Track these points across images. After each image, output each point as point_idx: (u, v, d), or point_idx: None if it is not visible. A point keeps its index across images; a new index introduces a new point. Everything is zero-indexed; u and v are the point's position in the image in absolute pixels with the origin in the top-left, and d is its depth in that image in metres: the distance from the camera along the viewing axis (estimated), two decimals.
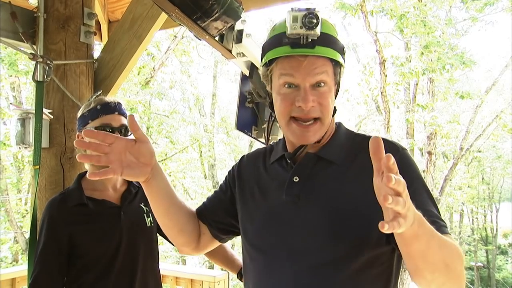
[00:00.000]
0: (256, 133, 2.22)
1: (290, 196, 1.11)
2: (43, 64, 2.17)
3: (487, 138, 14.50)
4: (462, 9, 10.57)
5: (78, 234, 1.66)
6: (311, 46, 1.05)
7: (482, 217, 23.07)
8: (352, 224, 1.04)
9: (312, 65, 1.05)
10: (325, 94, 1.08)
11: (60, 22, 2.39)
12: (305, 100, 1.05)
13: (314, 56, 1.06)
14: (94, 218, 1.70)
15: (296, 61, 1.06)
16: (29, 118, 2.23)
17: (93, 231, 1.68)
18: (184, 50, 12.71)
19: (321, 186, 1.10)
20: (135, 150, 1.08)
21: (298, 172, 1.13)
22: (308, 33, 1.03)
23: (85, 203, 1.69)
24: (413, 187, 0.99)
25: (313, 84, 1.06)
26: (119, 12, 3.20)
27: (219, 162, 18.52)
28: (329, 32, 1.08)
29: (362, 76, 11.50)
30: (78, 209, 1.68)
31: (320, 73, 1.06)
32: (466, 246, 20.75)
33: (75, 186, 1.76)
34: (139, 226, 1.78)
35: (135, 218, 1.78)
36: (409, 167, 1.07)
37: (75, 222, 1.67)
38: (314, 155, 1.15)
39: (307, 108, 1.06)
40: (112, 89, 2.58)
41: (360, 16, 9.66)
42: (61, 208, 1.68)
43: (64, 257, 1.66)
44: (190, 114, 16.99)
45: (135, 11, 2.52)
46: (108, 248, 1.69)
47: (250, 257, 1.19)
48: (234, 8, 1.51)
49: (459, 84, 12.85)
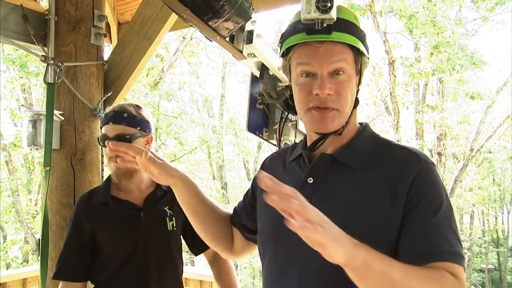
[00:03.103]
0: (267, 134, 2.20)
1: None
2: (54, 66, 2.17)
3: (498, 139, 14.38)
4: (472, 8, 10.47)
5: (98, 230, 1.75)
6: (327, 32, 1.00)
7: (493, 218, 22.86)
8: (357, 235, 1.00)
9: (330, 52, 1.00)
10: (344, 83, 1.02)
11: (70, 24, 2.40)
12: (321, 87, 1.00)
13: (331, 42, 1.00)
14: (114, 217, 1.76)
15: (312, 48, 1.01)
16: (40, 120, 2.24)
17: (111, 230, 1.75)
18: (193, 52, 12.76)
19: (333, 190, 1.05)
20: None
21: (313, 173, 1.09)
22: (322, 17, 0.98)
23: (107, 202, 1.77)
24: (429, 206, 0.96)
25: (331, 71, 1.01)
26: (129, 14, 3.21)
27: (227, 163, 18.56)
28: (347, 18, 1.03)
29: (371, 76, 11.43)
30: (101, 208, 1.77)
31: (338, 60, 1.01)
32: (477, 248, 20.57)
33: (103, 185, 1.85)
34: (159, 228, 1.78)
35: (155, 220, 1.79)
36: (428, 182, 0.98)
37: (96, 220, 1.75)
38: (329, 157, 1.09)
39: (324, 95, 1.01)
40: (122, 90, 2.58)
41: (369, 17, 9.62)
42: (86, 205, 1.79)
43: (87, 251, 1.75)
44: (199, 115, 17.03)
45: (145, 12, 2.52)
46: (124, 247, 1.73)
47: (262, 258, 1.17)
48: (244, 8, 1.50)
49: (469, 84, 12.77)
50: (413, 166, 0.99)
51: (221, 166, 17.78)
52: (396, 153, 1.04)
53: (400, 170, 1.00)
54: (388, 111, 12.02)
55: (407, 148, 1.06)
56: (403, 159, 1.02)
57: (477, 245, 20.50)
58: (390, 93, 10.40)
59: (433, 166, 1.02)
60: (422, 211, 0.95)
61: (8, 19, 2.29)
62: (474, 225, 21.67)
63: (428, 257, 0.91)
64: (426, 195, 0.97)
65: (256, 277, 16.93)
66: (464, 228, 20.11)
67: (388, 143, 1.10)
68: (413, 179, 0.97)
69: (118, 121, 1.74)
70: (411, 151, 1.04)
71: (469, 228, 20.58)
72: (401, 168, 1.00)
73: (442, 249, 0.92)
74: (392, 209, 0.97)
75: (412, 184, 0.97)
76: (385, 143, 1.10)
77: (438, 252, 0.91)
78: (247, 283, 16.51)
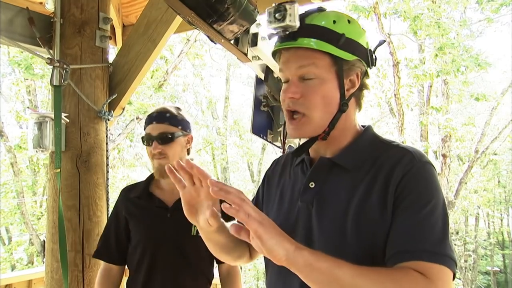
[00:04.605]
0: (271, 137, 2.21)
1: (304, 202, 1.08)
2: (59, 68, 2.19)
3: (503, 141, 14.28)
4: (477, 10, 10.42)
5: (130, 221, 1.88)
6: (293, 39, 1.04)
7: (499, 220, 22.71)
8: (358, 237, 0.98)
9: (297, 58, 1.04)
10: (313, 87, 1.03)
11: (76, 27, 2.41)
12: (286, 91, 1.05)
13: (299, 48, 1.03)
14: (143, 212, 1.86)
15: (284, 55, 1.07)
16: (46, 122, 2.25)
17: (138, 223, 1.86)
18: (197, 53, 12.77)
19: (332, 194, 1.05)
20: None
21: (313, 178, 1.09)
22: (281, 25, 1.03)
23: (141, 197, 1.88)
24: (413, 204, 0.94)
25: (299, 76, 1.04)
26: (133, 16, 3.23)
27: (231, 165, 18.58)
28: (317, 23, 1.03)
29: (376, 78, 11.41)
30: (135, 201, 1.89)
31: (307, 65, 1.03)
32: (483, 251, 20.45)
33: (144, 180, 1.96)
34: (182, 232, 1.79)
35: (181, 222, 1.78)
36: (417, 181, 0.97)
37: (129, 211, 1.88)
38: (328, 160, 1.09)
39: (286, 99, 1.05)
40: (127, 93, 2.59)
41: (373, 18, 9.61)
42: (124, 196, 1.94)
43: (122, 237, 1.89)
44: (203, 117, 17.07)
45: (149, 15, 2.53)
46: (147, 242, 1.81)
47: (267, 258, 1.17)
48: (249, 11, 1.50)
49: (474, 86, 12.71)
50: (405, 165, 0.99)
51: (225, 168, 17.80)
52: (391, 153, 1.04)
53: (392, 169, 0.99)
54: (392, 112, 11.99)
55: (404, 147, 1.05)
56: (397, 157, 1.01)
57: (482, 247, 20.38)
58: (395, 94, 10.38)
59: (428, 165, 1.00)
60: (406, 209, 0.94)
61: (14, 22, 2.30)
62: (479, 227, 21.53)
63: (403, 256, 0.90)
64: (412, 192, 0.95)
65: (260, 278, 16.91)
66: (469, 230, 20.00)
67: (387, 143, 1.09)
68: (402, 177, 0.97)
69: (161, 120, 1.81)
70: (407, 150, 1.03)
71: (474, 230, 20.46)
72: (394, 167, 0.99)
73: (419, 248, 0.89)
74: (384, 209, 0.96)
75: (400, 181, 0.96)
76: (383, 144, 1.09)
77: (413, 251, 0.89)
78: (251, 284, 16.50)
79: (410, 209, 0.94)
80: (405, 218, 0.93)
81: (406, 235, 0.92)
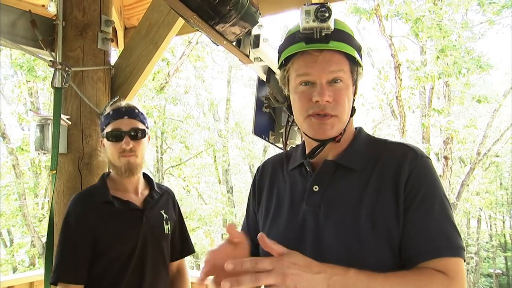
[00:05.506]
0: (273, 138, 2.20)
1: (310, 206, 1.08)
2: (61, 71, 2.19)
3: (505, 143, 14.28)
4: (478, 12, 10.43)
5: (101, 230, 1.68)
6: (326, 41, 1.03)
7: (501, 223, 22.63)
8: (374, 234, 0.99)
9: (328, 61, 1.03)
10: (342, 91, 1.05)
11: (78, 30, 2.41)
12: (321, 94, 1.02)
13: (330, 51, 1.03)
14: (118, 217, 1.72)
15: (311, 57, 1.04)
16: (48, 125, 2.25)
17: (114, 230, 1.70)
18: (199, 56, 12.80)
19: (340, 195, 1.06)
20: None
21: (318, 181, 1.09)
22: (321, 26, 1.01)
23: (111, 201, 1.72)
24: (424, 201, 0.99)
25: (329, 80, 1.04)
26: (135, 19, 3.23)
27: (233, 167, 18.57)
28: (343, 29, 1.06)
29: (377, 80, 11.41)
30: (104, 206, 1.72)
31: (337, 69, 1.03)
32: (485, 253, 20.38)
33: (101, 184, 1.80)
34: (158, 231, 1.80)
35: (155, 223, 1.80)
36: (424, 176, 1.02)
37: (100, 218, 1.69)
38: (333, 163, 1.10)
39: (323, 102, 1.03)
40: (129, 95, 2.59)
41: (375, 20, 9.63)
42: (87, 203, 1.72)
43: (86, 251, 1.66)
44: (205, 119, 17.08)
45: (151, 17, 2.54)
46: (125, 249, 1.70)
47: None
48: (251, 13, 1.51)
49: (476, 88, 12.69)
50: (411, 162, 1.03)
51: (226, 170, 17.79)
52: (394, 150, 1.08)
53: (399, 165, 1.03)
54: (394, 114, 11.98)
55: (404, 144, 1.10)
56: (402, 154, 1.05)
57: (484, 249, 20.30)
58: (396, 96, 10.38)
59: (429, 160, 1.06)
60: (418, 207, 0.98)
61: (16, 25, 2.31)
62: (481, 230, 21.46)
63: (424, 256, 0.95)
64: (421, 189, 1.00)
65: None
66: (471, 233, 19.94)
67: (383, 141, 1.14)
68: (409, 174, 1.01)
69: (132, 116, 1.76)
70: (408, 146, 1.07)
71: (476, 233, 20.40)
72: (400, 163, 1.03)
73: (438, 246, 0.95)
74: (396, 205, 1.00)
75: (408, 179, 1.01)
76: (379, 142, 1.14)
77: (433, 249, 0.95)
78: None
79: (421, 206, 0.98)
80: (420, 217, 0.98)
81: (425, 235, 0.96)
